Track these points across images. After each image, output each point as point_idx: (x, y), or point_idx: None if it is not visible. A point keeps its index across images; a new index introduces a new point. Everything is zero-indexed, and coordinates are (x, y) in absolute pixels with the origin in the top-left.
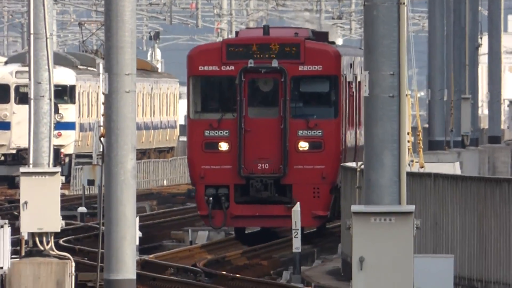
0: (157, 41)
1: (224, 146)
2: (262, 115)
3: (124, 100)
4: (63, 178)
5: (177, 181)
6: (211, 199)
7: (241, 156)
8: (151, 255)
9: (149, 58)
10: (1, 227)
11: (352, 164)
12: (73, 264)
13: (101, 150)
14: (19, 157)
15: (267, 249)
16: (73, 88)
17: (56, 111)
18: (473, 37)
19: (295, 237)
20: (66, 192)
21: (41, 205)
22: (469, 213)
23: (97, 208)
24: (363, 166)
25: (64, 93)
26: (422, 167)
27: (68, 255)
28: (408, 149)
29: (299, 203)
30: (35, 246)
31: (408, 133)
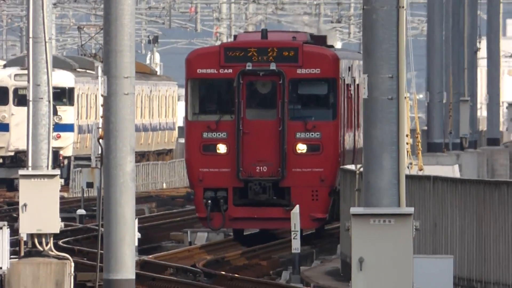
0: (156, 45)
1: (222, 148)
2: (260, 117)
3: (123, 102)
4: (62, 180)
5: (176, 184)
6: (209, 201)
7: (239, 158)
8: (151, 256)
9: (148, 61)
10: (0, 228)
11: (351, 166)
12: (72, 264)
13: (100, 152)
14: (18, 159)
15: (266, 250)
16: (71, 90)
17: (54, 113)
18: (471, 41)
19: (294, 239)
20: (65, 194)
21: (40, 207)
22: (468, 215)
23: (96, 210)
24: (362, 168)
25: (62, 95)
26: (421, 169)
27: (67, 256)
28: (407, 152)
29: (298, 206)
30: (34, 247)
31: (407, 136)
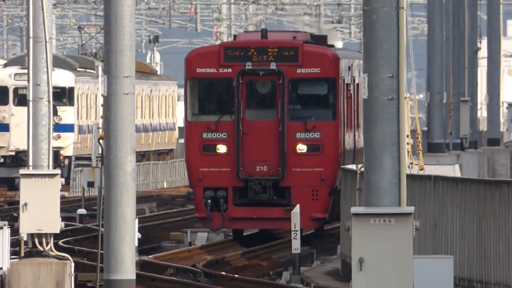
0: (156, 44)
1: (222, 148)
2: (260, 117)
3: (123, 102)
4: (63, 180)
5: (177, 184)
6: (209, 201)
7: (239, 158)
8: (151, 256)
9: (148, 61)
10: (1, 228)
11: (352, 166)
12: (73, 264)
13: (100, 152)
14: (18, 159)
15: (267, 250)
16: (71, 90)
17: (54, 113)
18: (472, 41)
19: (294, 239)
20: (65, 194)
21: (41, 207)
22: (469, 215)
23: (97, 210)
24: (363, 168)
25: (62, 95)
26: (421, 169)
27: (67, 256)
28: (407, 152)
29: (298, 205)
30: (34, 247)
31: (407, 136)
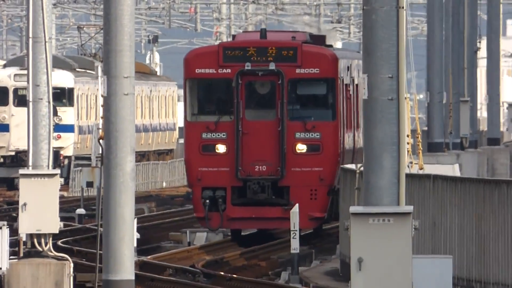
0: (156, 45)
1: (221, 148)
2: (259, 117)
3: (122, 102)
4: (62, 180)
5: (176, 184)
6: (207, 201)
7: (238, 158)
8: (149, 256)
9: (147, 61)
10: (0, 228)
11: (351, 166)
12: (72, 265)
13: (100, 152)
14: (18, 159)
15: (265, 250)
16: (71, 90)
17: (54, 113)
18: (471, 41)
19: (293, 238)
20: (65, 194)
21: (40, 206)
22: (468, 214)
23: (96, 210)
24: (362, 168)
25: (62, 96)
26: (421, 168)
27: (66, 256)
28: (407, 151)
29: (297, 205)
30: (33, 247)
31: (407, 136)
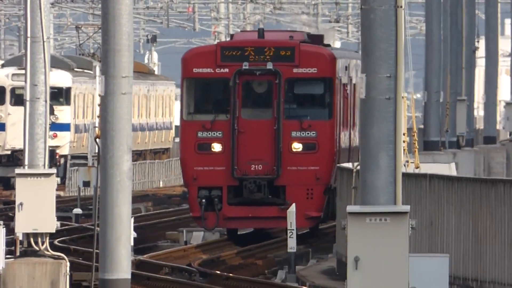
0: (154, 44)
1: (217, 147)
2: (255, 116)
3: (120, 102)
4: (59, 179)
5: (173, 183)
6: (203, 200)
7: (234, 157)
8: (146, 255)
9: (146, 61)
10: None
11: (348, 164)
12: (68, 264)
13: (97, 151)
14: (14, 158)
15: (262, 249)
16: (68, 90)
17: (51, 112)
18: (469, 41)
19: (290, 237)
20: (61, 193)
21: (36, 206)
22: (465, 213)
23: (92, 209)
24: (359, 167)
25: (59, 95)
26: (417, 167)
27: (62, 255)
28: (403, 150)
29: (294, 204)
30: (30, 246)
31: (403, 134)
